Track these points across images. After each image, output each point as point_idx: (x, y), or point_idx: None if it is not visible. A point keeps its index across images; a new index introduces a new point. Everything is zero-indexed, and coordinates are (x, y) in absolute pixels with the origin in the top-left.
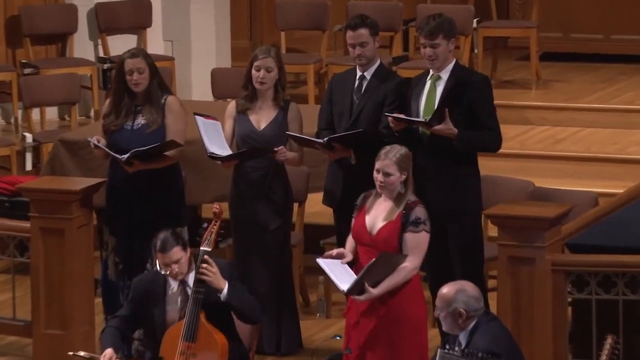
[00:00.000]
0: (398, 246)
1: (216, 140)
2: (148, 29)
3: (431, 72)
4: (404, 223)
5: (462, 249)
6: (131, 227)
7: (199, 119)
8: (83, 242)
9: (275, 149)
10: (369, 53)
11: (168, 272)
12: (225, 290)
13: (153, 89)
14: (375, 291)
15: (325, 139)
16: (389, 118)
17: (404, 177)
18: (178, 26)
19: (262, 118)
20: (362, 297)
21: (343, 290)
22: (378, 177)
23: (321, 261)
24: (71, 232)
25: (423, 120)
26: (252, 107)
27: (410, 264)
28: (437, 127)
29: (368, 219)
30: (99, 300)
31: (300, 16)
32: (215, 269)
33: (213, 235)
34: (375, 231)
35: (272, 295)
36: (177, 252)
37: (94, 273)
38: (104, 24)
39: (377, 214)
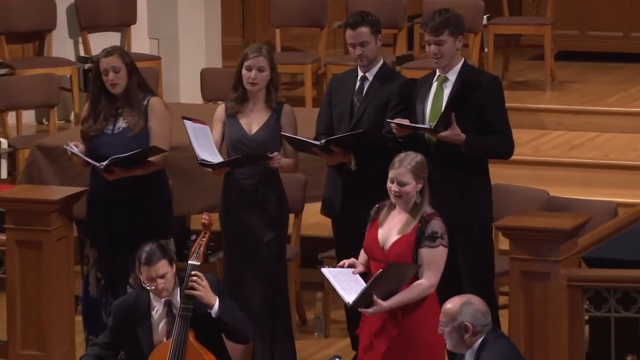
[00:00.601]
0: (413, 262)
1: (206, 146)
2: (132, 26)
3: (437, 73)
4: (419, 237)
5: (471, 263)
6: (114, 239)
7: (187, 123)
8: (62, 256)
9: (270, 155)
10: (370, 53)
11: (153, 288)
12: (216, 306)
13: (132, 89)
14: (385, 304)
15: (323, 140)
16: (392, 124)
17: (419, 186)
18: (165, 23)
19: (253, 121)
20: (370, 310)
21: (348, 303)
22: (392, 186)
23: (326, 270)
24: (50, 245)
25: (428, 126)
26: (243, 110)
27: (426, 281)
28: (444, 133)
29: (381, 232)
30: (79, 319)
31: (296, 12)
32: (205, 283)
33: (202, 248)
34: (388, 246)
35: (266, 312)
36: (163, 266)
37: (74, 289)
38: (85, 20)
39: (391, 227)
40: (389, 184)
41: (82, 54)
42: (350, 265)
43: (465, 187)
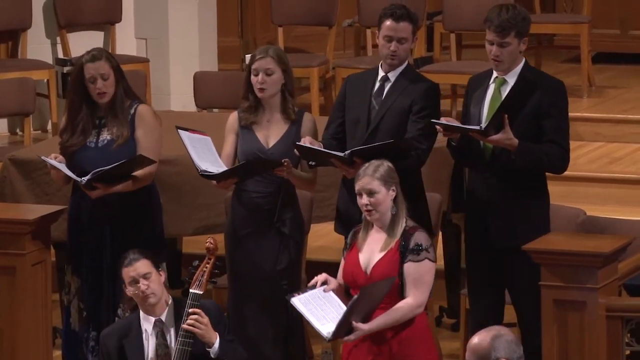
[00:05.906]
0: (400, 281)
1: (207, 157)
2: (117, 25)
3: (494, 74)
4: (403, 252)
5: (526, 289)
6: (98, 265)
7: (183, 133)
8: (38, 283)
9: (283, 161)
10: (404, 53)
11: (137, 292)
12: (216, 345)
13: (118, 97)
14: (366, 327)
15: (347, 152)
16: (437, 127)
17: (392, 194)
18: (154, 21)
19: (271, 133)
20: (352, 337)
21: (326, 337)
22: (362, 200)
23: (295, 300)
24: (24, 271)
25: (478, 128)
26: (259, 121)
27: (413, 300)
28: (494, 136)
29: (362, 256)
30: (57, 354)
31: (301, 9)
32: (206, 320)
33: (205, 276)
34: (370, 268)
35: (277, 352)
36: (144, 265)
37: (51, 320)
38: (64, 18)
39: (372, 248)
40: (358, 200)
41: (60, 55)
42: (323, 283)
43: (522, 204)
